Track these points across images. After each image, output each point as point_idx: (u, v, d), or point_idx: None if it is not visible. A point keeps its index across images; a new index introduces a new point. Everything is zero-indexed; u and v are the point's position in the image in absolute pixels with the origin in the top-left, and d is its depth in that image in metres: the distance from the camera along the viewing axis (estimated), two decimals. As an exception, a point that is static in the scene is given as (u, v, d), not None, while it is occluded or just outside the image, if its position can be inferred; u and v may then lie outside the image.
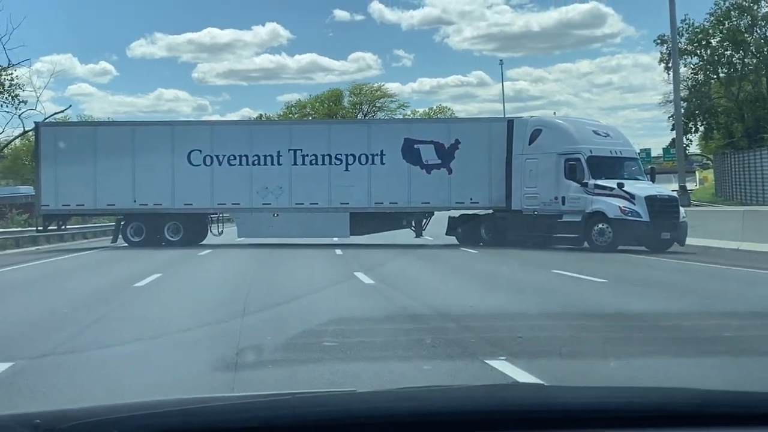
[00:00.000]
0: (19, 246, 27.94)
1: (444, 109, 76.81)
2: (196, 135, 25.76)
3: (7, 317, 9.56)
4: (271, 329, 8.17)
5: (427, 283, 13.80)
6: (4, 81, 37.12)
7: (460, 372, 6.23)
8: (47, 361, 6.65)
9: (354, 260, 18.65)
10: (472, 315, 9.26)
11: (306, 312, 9.50)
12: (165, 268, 16.52)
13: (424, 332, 8.00)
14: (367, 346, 7.33)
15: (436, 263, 18.55)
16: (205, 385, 5.85)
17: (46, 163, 25.33)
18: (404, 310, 9.73)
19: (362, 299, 10.97)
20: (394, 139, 25.41)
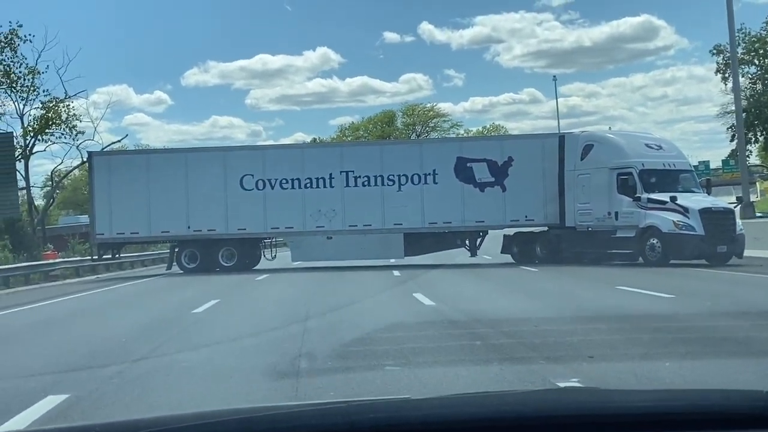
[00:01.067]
0: (80, 275, 28.24)
1: (498, 127, 76.39)
2: (247, 160, 25.80)
3: (66, 348, 9.44)
4: (332, 357, 7.83)
5: (488, 302, 13.39)
6: (61, 112, 37.86)
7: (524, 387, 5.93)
8: (102, 393, 6.46)
9: (412, 281, 18.36)
10: (539, 334, 8.89)
11: (368, 338, 9.13)
12: (223, 294, 16.40)
13: (488, 352, 7.67)
14: (429, 365, 7.00)
15: (494, 282, 18.14)
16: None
17: (100, 192, 25.59)
18: (467, 331, 9.38)
19: (423, 321, 10.59)
20: (446, 158, 25.22)
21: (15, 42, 35.90)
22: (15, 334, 11.42)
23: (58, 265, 27.91)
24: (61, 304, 16.80)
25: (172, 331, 10.73)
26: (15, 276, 24.34)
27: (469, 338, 8.68)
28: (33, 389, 6.45)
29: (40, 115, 37.69)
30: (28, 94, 37.31)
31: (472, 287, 16.87)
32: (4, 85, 36.71)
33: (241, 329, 10.64)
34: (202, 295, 16.09)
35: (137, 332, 10.64)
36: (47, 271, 26.68)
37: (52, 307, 15.98)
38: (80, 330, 11.54)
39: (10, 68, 36.38)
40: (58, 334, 11.18)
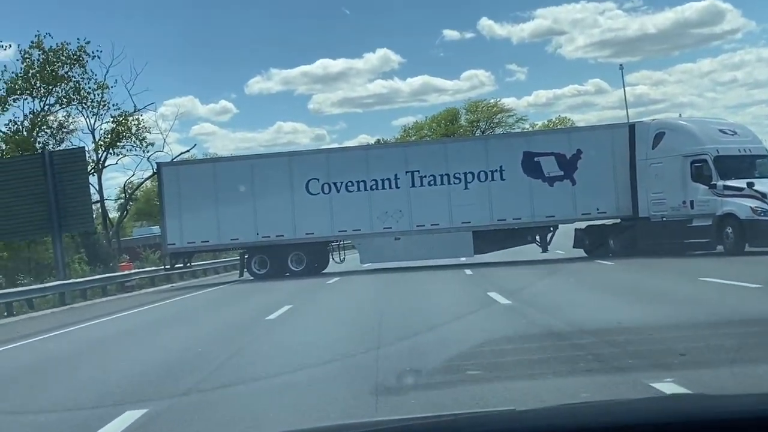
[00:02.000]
0: (155, 284, 28.67)
1: (564, 120, 74.76)
2: (312, 164, 25.79)
3: (142, 360, 9.44)
4: (409, 358, 7.66)
5: (567, 299, 12.96)
6: (131, 126, 38.63)
7: (618, 391, 5.60)
8: (180, 406, 6.36)
9: (485, 280, 18.03)
10: (622, 330, 8.55)
11: (443, 338, 8.95)
12: (295, 299, 16.34)
13: (572, 351, 7.37)
14: (512, 369, 6.73)
15: (571, 278, 17.67)
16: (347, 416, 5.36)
17: (170, 202, 25.86)
18: (547, 329, 9.07)
19: (501, 321, 10.34)
20: (512, 154, 24.83)
21: (83, 58, 36.71)
22: (92, 347, 11.51)
23: (133, 275, 28.33)
24: (137, 315, 16.99)
25: (247, 339, 10.64)
26: (92, 288, 24.79)
27: (550, 339, 8.35)
28: (111, 405, 6.39)
29: (111, 129, 38.53)
30: (98, 109, 38.16)
31: (547, 284, 16.48)
32: (75, 101, 37.65)
33: (315, 336, 10.51)
34: (274, 301, 16.05)
35: (212, 342, 10.59)
36: (123, 282, 27.12)
37: (128, 319, 16.16)
38: (156, 341, 11.57)
39: (79, 84, 37.27)
40: (135, 345, 11.24)
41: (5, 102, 36.15)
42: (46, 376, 8.98)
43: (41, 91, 36.69)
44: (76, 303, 22.35)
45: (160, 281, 29.29)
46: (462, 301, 13.83)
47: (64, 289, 22.85)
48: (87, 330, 14.42)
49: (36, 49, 36.01)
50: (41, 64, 36.16)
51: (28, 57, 36.05)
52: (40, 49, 36.02)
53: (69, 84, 37.01)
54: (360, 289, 18.63)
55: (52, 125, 38.00)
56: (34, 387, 8.19)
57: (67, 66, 36.64)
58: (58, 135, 38.13)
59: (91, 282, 25.32)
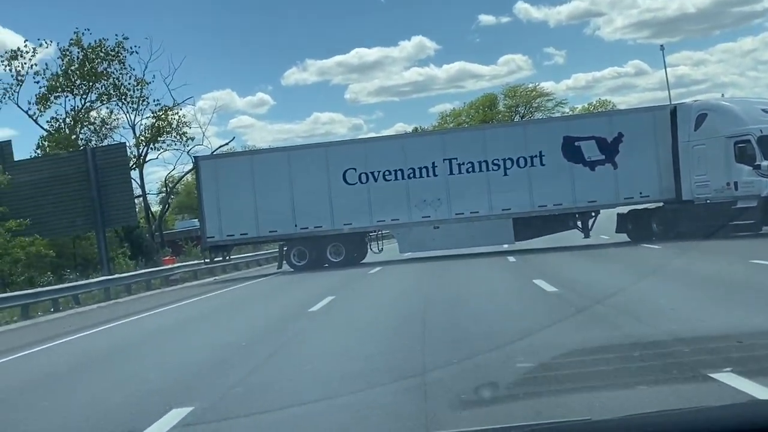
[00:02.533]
0: (198, 278, 28.85)
1: (605, 102, 73.57)
2: (349, 154, 25.71)
3: (187, 356, 9.41)
4: (456, 353, 7.45)
5: (615, 286, 12.60)
6: (171, 120, 38.98)
7: (683, 390, 5.35)
8: (227, 403, 6.28)
9: (530, 267, 17.84)
10: (678, 319, 8.28)
11: (490, 330, 8.72)
12: (337, 290, 16.27)
13: (629, 347, 7.04)
14: (566, 367, 6.49)
15: (616, 263, 17.40)
16: (395, 420, 5.26)
17: (208, 196, 25.97)
18: (596, 319, 8.84)
19: (548, 310, 10.09)
20: (552, 139, 24.56)
21: (122, 54, 37.12)
22: (136, 343, 11.53)
23: (176, 269, 28.52)
24: (181, 309, 17.06)
25: (290, 332, 10.59)
26: (137, 282, 25.04)
27: (606, 328, 8.08)
28: (156, 403, 6.33)
29: (151, 124, 38.95)
30: (138, 105, 38.61)
31: (594, 270, 16.23)
32: (115, 97, 38.09)
33: (359, 327, 10.42)
34: (316, 292, 16.01)
35: (256, 335, 10.55)
36: (167, 276, 27.31)
37: (172, 313, 16.25)
38: (200, 336, 11.56)
39: (119, 81, 37.69)
40: (179, 341, 11.25)
41: (47, 100, 36.71)
42: (91, 373, 9.02)
43: (82, 88, 37.17)
44: (121, 297, 22.59)
45: (202, 274, 29.47)
46: (507, 290, 13.62)
47: (108, 284, 23.14)
48: (131, 325, 14.50)
49: (75, 47, 36.50)
50: (81, 62, 36.61)
51: (67, 54, 36.57)
52: (79, 46, 36.50)
53: (108, 80, 37.43)
54: (403, 279, 18.48)
55: (94, 122, 38.50)
56: (78, 384, 8.21)
57: (106, 62, 37.05)
58: (100, 131, 38.65)
59: (136, 277, 25.57)
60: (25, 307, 18.47)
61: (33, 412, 6.82)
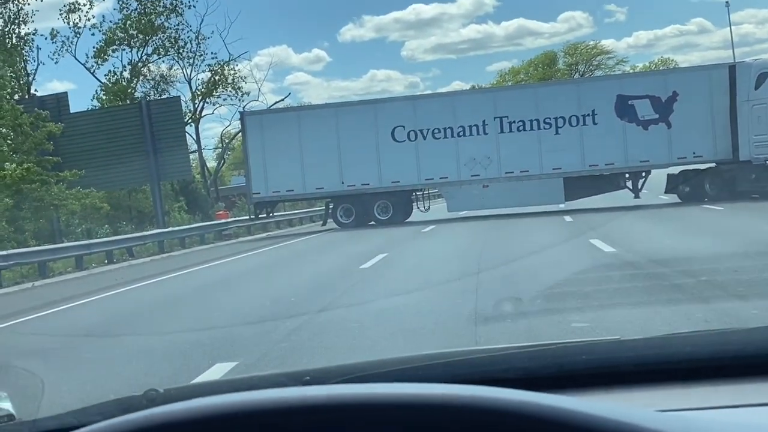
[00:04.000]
0: (251, 233, 29.10)
1: (667, 61, 71.60)
2: (398, 111, 25.53)
3: (234, 310, 9.42)
4: (512, 307, 7.48)
5: (676, 248, 12.21)
6: (227, 75, 39.28)
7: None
8: (271, 359, 6.26)
9: (587, 226, 17.52)
10: (746, 282, 7.92)
11: (546, 289, 8.55)
12: (389, 248, 16.18)
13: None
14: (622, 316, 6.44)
15: (679, 224, 17.05)
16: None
17: (254, 151, 25.98)
18: (655, 281, 8.63)
19: (606, 270, 9.91)
20: (605, 97, 24.15)
21: (180, 8, 37.40)
22: (184, 296, 11.65)
23: (230, 224, 28.76)
24: (232, 263, 17.22)
25: (341, 288, 10.57)
26: (190, 236, 25.36)
27: (666, 291, 7.89)
28: (201, 357, 6.36)
29: (207, 78, 39.33)
30: (194, 59, 38.98)
31: (653, 230, 15.93)
32: (172, 51, 38.48)
33: (411, 284, 10.33)
34: (368, 249, 15.98)
35: (305, 291, 10.54)
36: (220, 231, 27.63)
37: (224, 267, 16.43)
38: (249, 291, 11.59)
39: (176, 34, 38.01)
40: (228, 295, 11.28)
41: (104, 53, 37.25)
42: (137, 325, 9.14)
43: (139, 41, 37.57)
44: (175, 251, 22.94)
45: (256, 230, 29.73)
46: (563, 249, 13.44)
47: (162, 237, 23.51)
48: (182, 278, 14.70)
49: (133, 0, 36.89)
50: (138, 15, 37.00)
51: (125, 7, 36.96)
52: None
53: (165, 34, 37.77)
54: (457, 237, 18.32)
55: (153, 76, 38.98)
56: (124, 336, 8.27)
57: (163, 16, 37.36)
58: (158, 86, 39.16)
59: (189, 231, 25.89)
60: (79, 259, 18.89)
61: (78, 362, 6.93)
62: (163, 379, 5.86)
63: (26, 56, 33.56)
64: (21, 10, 31.10)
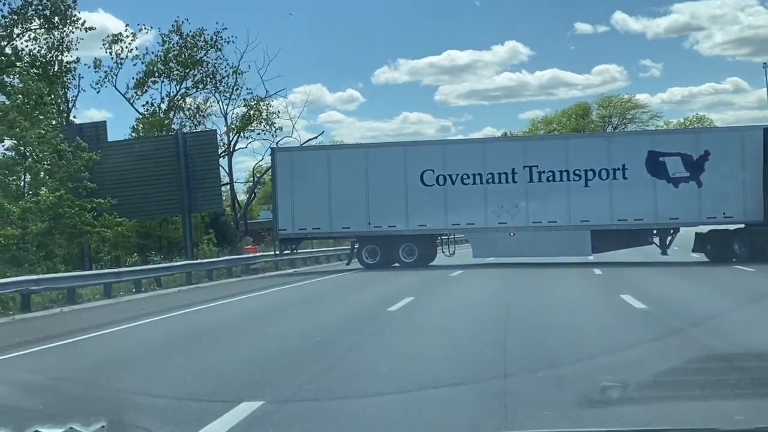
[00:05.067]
0: (278, 268, 29.18)
1: (702, 118, 71.48)
2: (428, 155, 25.68)
3: (261, 347, 9.47)
4: (538, 363, 7.37)
5: (708, 307, 12.24)
6: (262, 110, 39.89)
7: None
8: (299, 400, 6.25)
9: (617, 281, 17.55)
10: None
11: (576, 344, 8.55)
12: (416, 291, 16.18)
13: (725, 370, 6.85)
14: (659, 387, 6.37)
15: (710, 283, 16.99)
16: (471, 429, 5.28)
17: (283, 187, 26.16)
18: (689, 341, 8.56)
19: (638, 328, 9.89)
20: (636, 152, 24.21)
21: (219, 43, 38.17)
22: (211, 331, 11.64)
23: (258, 258, 28.78)
24: (260, 298, 17.24)
25: (368, 329, 10.59)
26: (218, 269, 25.43)
27: (699, 350, 7.81)
28: (227, 395, 6.34)
29: (243, 113, 39.94)
30: (231, 94, 39.65)
31: (684, 288, 15.85)
32: (210, 85, 39.21)
33: (439, 330, 10.35)
34: (395, 291, 16.00)
35: (332, 330, 10.55)
36: (248, 264, 27.63)
37: (251, 301, 16.46)
38: (276, 327, 11.63)
39: (215, 69, 38.76)
40: (254, 331, 11.31)
41: (144, 84, 38.04)
42: (163, 358, 9.05)
43: (178, 74, 38.34)
44: (202, 283, 23.01)
45: (283, 265, 29.81)
46: (593, 304, 13.42)
47: (191, 268, 23.56)
48: (209, 311, 14.78)
49: (175, 34, 37.72)
50: (180, 48, 37.81)
51: (167, 41, 37.78)
52: (178, 33, 37.68)
53: (205, 68, 38.52)
54: (484, 284, 18.28)
55: (190, 108, 39.67)
56: (151, 369, 8.22)
57: (203, 51, 38.15)
58: (194, 118, 39.82)
59: (218, 263, 25.98)
60: (108, 286, 19.02)
61: (107, 391, 6.95)
62: (190, 415, 5.87)
63: (68, 83, 34.34)
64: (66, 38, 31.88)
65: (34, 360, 9.29)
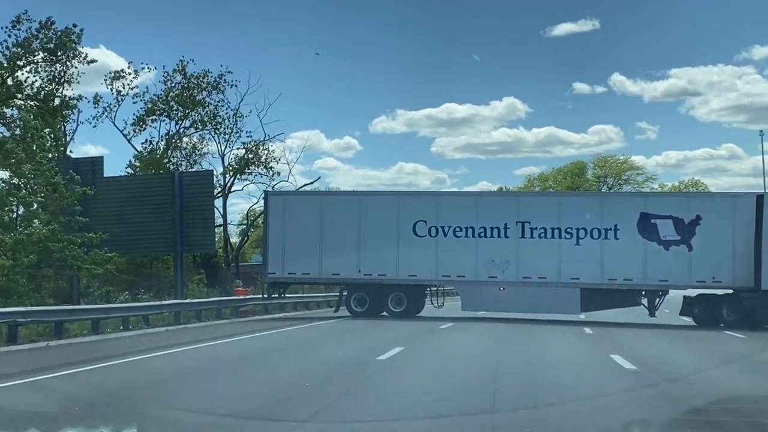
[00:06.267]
0: (268, 312, 29.11)
1: (697, 183, 72.32)
2: (421, 205, 25.83)
3: (246, 391, 9.38)
4: (528, 423, 7.34)
5: (698, 370, 12.41)
6: (261, 154, 40.09)
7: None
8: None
9: (607, 341, 17.64)
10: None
11: (567, 405, 8.59)
12: (406, 342, 16.17)
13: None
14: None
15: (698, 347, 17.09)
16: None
17: (274, 231, 26.19)
18: (679, 405, 8.63)
19: (628, 389, 9.92)
20: (628, 213, 24.41)
21: (222, 86, 38.52)
22: (197, 372, 11.60)
23: (248, 301, 28.72)
24: (248, 341, 17.18)
25: (357, 378, 10.59)
26: (207, 310, 25.33)
27: (689, 415, 7.91)
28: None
29: (241, 155, 40.12)
30: (230, 136, 39.89)
31: (673, 351, 15.94)
32: (209, 126, 39.47)
33: (428, 382, 10.38)
34: (385, 341, 16.02)
35: (321, 377, 10.51)
36: (237, 307, 27.57)
37: (238, 345, 16.37)
38: (263, 372, 11.58)
39: (216, 110, 39.02)
40: (241, 374, 11.25)
41: (143, 122, 38.28)
42: (147, 399, 8.90)
43: (178, 114, 38.61)
44: (191, 323, 22.90)
45: (273, 309, 29.73)
46: (583, 363, 13.46)
47: (180, 308, 23.41)
48: (195, 352, 14.70)
49: (179, 74, 38.09)
50: (182, 88, 38.13)
51: (170, 79, 38.12)
52: (182, 73, 38.04)
53: (205, 109, 38.81)
54: (475, 338, 18.29)
55: (186, 147, 39.82)
56: (134, 410, 8.15)
57: (205, 92, 38.48)
58: (191, 157, 39.96)
59: (207, 304, 25.85)
60: (96, 322, 18.94)
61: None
62: None
63: (67, 118, 34.50)
64: (67, 72, 32.05)
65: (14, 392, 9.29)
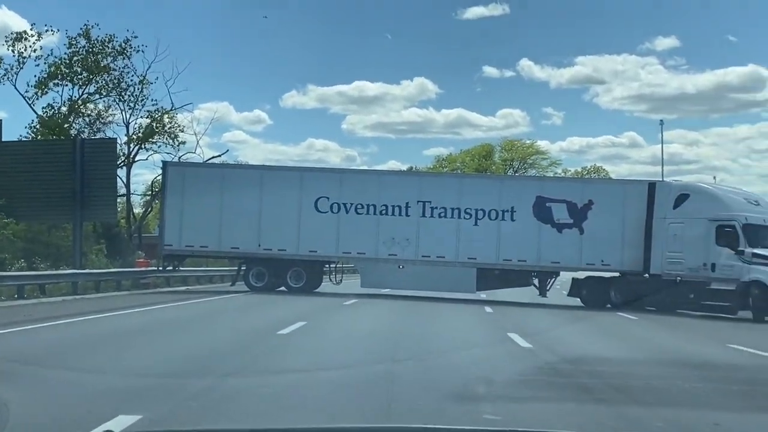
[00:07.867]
0: (170, 285, 28.75)
1: (599, 169, 74.86)
2: (324, 182, 25.90)
3: (143, 363, 9.32)
4: (423, 398, 7.54)
5: (591, 349, 13.02)
6: (166, 122, 39.32)
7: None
8: (176, 416, 6.24)
9: (506, 320, 18.30)
10: (655, 394, 8.45)
11: (461, 380, 8.78)
12: (309, 317, 16.25)
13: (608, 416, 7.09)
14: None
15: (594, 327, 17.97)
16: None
17: (172, 203, 25.73)
18: (573, 381, 9.04)
19: (518, 363, 10.47)
20: (526, 196, 25.17)
21: (128, 51, 37.50)
22: (92, 343, 11.47)
23: (149, 273, 28.24)
24: (146, 314, 17.04)
25: (256, 351, 10.67)
26: (107, 281, 24.87)
27: (576, 391, 8.31)
28: (103, 407, 6.31)
29: (147, 124, 39.31)
30: (135, 104, 38.91)
31: (569, 331, 16.72)
32: (114, 92, 38.47)
33: (328, 357, 10.58)
34: (287, 316, 16.11)
35: (220, 351, 10.55)
36: (138, 279, 27.12)
37: (136, 317, 16.21)
38: (161, 345, 11.53)
39: (121, 77, 38.01)
40: (138, 347, 11.17)
41: (45, 85, 37.02)
42: (42, 366, 8.86)
43: (82, 78, 37.45)
44: (88, 294, 22.50)
45: (175, 282, 29.37)
46: (481, 341, 13.97)
47: (78, 278, 22.94)
48: (90, 323, 14.53)
49: (83, 38, 36.91)
50: (86, 52, 37.03)
51: (74, 44, 36.87)
52: (86, 38, 36.84)
53: (110, 75, 37.80)
54: (378, 315, 18.55)
55: (90, 114, 38.74)
56: (26, 375, 8.11)
57: (111, 57, 37.48)
58: (94, 125, 38.90)
59: (106, 275, 25.40)
60: (-13, 289, 18.61)
61: None
62: (63, 425, 5.89)
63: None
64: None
65: None
